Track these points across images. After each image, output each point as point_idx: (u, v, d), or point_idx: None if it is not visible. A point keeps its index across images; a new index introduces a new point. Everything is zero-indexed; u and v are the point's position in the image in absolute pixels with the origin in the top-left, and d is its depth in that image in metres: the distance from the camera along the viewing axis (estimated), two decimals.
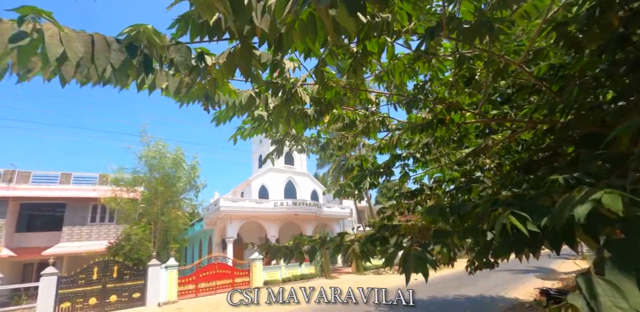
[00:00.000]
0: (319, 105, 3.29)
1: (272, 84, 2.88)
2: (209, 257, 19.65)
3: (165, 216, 19.44)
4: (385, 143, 4.32)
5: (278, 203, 25.63)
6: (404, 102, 3.48)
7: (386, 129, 3.97)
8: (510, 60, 2.66)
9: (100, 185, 22.77)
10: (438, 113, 3.56)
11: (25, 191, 21.11)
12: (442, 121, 3.50)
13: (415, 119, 3.90)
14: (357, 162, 4.68)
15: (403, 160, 4.21)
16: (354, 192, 5.14)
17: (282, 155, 3.73)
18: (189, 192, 21.68)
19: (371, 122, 3.76)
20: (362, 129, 4.08)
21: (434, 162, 4.44)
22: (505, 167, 4.21)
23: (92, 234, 22.23)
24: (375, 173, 4.47)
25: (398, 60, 2.84)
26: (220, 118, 3.24)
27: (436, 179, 4.86)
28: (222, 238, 25.90)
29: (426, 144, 3.84)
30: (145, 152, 19.13)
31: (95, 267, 15.31)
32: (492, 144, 4.01)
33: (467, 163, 4.42)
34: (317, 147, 4.69)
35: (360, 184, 4.55)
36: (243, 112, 3.04)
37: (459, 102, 3.44)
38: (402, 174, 4.67)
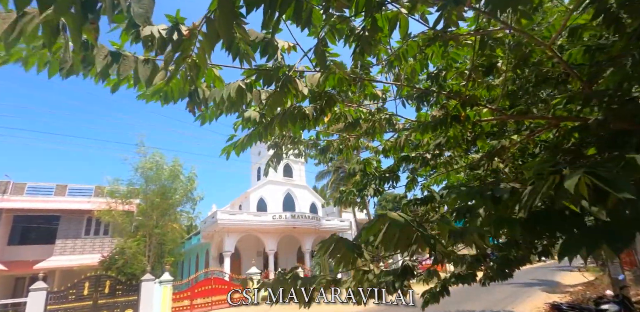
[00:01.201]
0: (318, 100, 2.89)
1: (263, 72, 2.48)
2: (206, 272, 18.98)
3: (160, 228, 18.81)
4: (392, 145, 3.90)
5: (277, 216, 25.04)
6: (415, 96, 3.08)
7: (393, 129, 3.56)
8: (540, 41, 2.28)
9: (96, 197, 22.20)
10: (452, 109, 3.16)
11: (19, 203, 20.55)
12: (457, 118, 3.09)
13: (424, 118, 3.50)
14: (359, 166, 4.25)
15: (412, 162, 3.79)
16: (356, 200, 4.69)
17: (282, 160, 3.31)
18: (186, 205, 21.17)
19: (377, 121, 3.35)
20: (366, 129, 3.67)
21: (444, 166, 4.02)
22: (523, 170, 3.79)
23: (85, 248, 21.52)
24: (381, 178, 4.03)
25: (411, 41, 2.46)
26: (206, 116, 2.82)
27: (447, 185, 4.42)
28: (219, 252, 25.21)
29: (438, 145, 3.42)
30: (141, 163, 18.70)
31: (86, 282, 14.67)
32: (510, 145, 3.60)
33: (480, 167, 4.00)
34: (316, 150, 4.27)
35: (364, 191, 4.12)
36: (231, 110, 2.63)
37: (476, 96, 3.05)
38: (410, 180, 4.24)
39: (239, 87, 2.43)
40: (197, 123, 2.88)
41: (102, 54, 1.84)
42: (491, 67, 2.66)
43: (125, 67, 1.89)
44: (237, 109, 2.64)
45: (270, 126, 2.81)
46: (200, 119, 2.87)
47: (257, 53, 2.38)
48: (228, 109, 2.64)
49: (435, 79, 2.86)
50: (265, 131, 2.88)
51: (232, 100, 2.40)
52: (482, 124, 3.45)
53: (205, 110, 2.80)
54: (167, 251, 20.14)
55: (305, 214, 26.33)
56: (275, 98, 2.51)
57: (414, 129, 3.62)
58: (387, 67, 2.69)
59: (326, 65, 2.30)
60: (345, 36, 2.43)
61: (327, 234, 28.71)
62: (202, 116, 2.85)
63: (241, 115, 2.85)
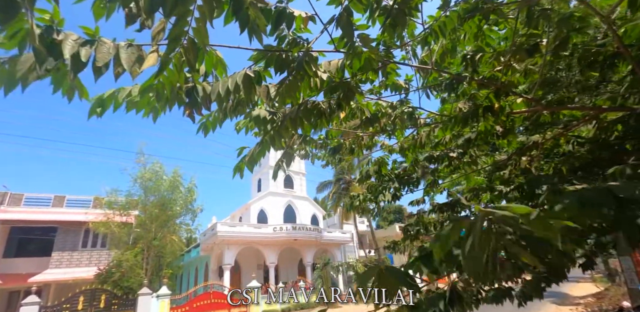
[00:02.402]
0: (335, 92, 2.51)
1: (274, 55, 2.11)
2: (205, 286, 18.30)
3: (159, 240, 18.20)
4: (410, 143, 3.52)
5: (277, 228, 24.45)
6: (445, 83, 2.70)
7: (414, 124, 3.18)
8: (597, 11, 1.94)
9: (95, 208, 21.64)
10: (483, 100, 2.79)
11: (16, 214, 19.99)
12: (491, 109, 2.72)
13: (449, 112, 3.13)
14: (374, 167, 3.85)
15: (436, 162, 3.39)
16: (369, 207, 4.27)
17: (293, 161, 2.90)
18: (185, 217, 20.60)
19: (398, 116, 2.98)
20: (384, 125, 3.30)
21: (469, 166, 3.62)
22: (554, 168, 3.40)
23: (82, 260, 20.83)
24: (401, 181, 3.62)
25: (452, 12, 2.10)
26: (208, 124, 2.45)
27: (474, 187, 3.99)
28: (218, 265, 24.52)
29: (468, 141, 3.03)
30: (141, 173, 18.22)
31: (81, 296, 14.08)
32: (542, 141, 3.22)
33: (507, 166, 3.61)
34: (326, 151, 3.87)
35: (380, 196, 3.71)
36: (236, 112, 2.26)
37: (513, 83, 2.69)
38: (429, 183, 3.84)
39: (245, 76, 2.05)
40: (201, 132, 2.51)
41: (71, 39, 1.47)
42: (535, 46, 2.30)
43: (103, 54, 1.51)
44: (243, 110, 2.26)
45: (282, 127, 2.43)
46: (202, 129, 2.49)
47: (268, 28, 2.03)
48: (232, 111, 2.27)
49: (471, 61, 2.50)
50: (277, 135, 2.48)
51: (238, 92, 2.01)
52: (515, 116, 3.08)
53: (207, 116, 2.43)
54: (165, 264, 19.45)
55: (306, 226, 25.72)
56: (288, 86, 2.14)
57: (438, 124, 3.24)
58: (421, 43, 2.32)
59: (353, 39, 1.93)
60: (370, 9, 2.07)
61: (329, 246, 28.14)
62: (204, 125, 2.47)
63: (248, 115, 2.46)
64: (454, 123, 2.71)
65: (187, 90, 1.94)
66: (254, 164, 2.59)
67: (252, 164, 2.58)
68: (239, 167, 2.65)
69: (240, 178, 2.70)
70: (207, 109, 2.05)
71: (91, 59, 1.52)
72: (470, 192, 3.85)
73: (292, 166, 22.58)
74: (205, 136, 2.50)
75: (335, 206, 31.19)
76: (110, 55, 1.54)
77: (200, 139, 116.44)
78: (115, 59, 1.57)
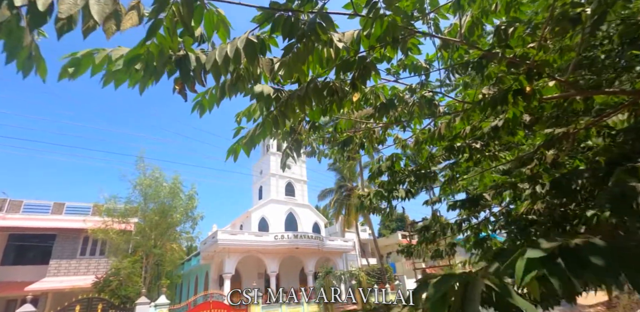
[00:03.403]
0: (349, 70, 2.19)
1: (282, 17, 1.79)
2: (205, 295, 17.75)
3: (158, 248, 17.73)
4: (427, 136, 3.19)
5: (279, 236, 23.97)
6: (473, 61, 2.39)
7: (432, 112, 2.86)
8: None
9: (94, 215, 21.21)
10: (513, 83, 2.48)
11: (14, 221, 19.58)
12: (522, 93, 2.40)
13: (471, 98, 2.81)
14: (387, 163, 3.51)
15: (458, 154, 3.05)
16: (381, 206, 3.92)
17: (300, 150, 2.57)
18: (185, 224, 20.13)
19: (416, 103, 2.65)
20: (399, 115, 2.98)
21: (490, 160, 3.27)
22: None
23: (80, 269, 20.33)
24: (417, 175, 3.27)
25: None
26: (204, 103, 2.12)
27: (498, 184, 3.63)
28: (219, 274, 23.98)
29: (495, 129, 2.69)
30: (140, 180, 17.85)
31: (77, 305, 13.61)
32: (574, 132, 2.89)
33: (532, 161, 3.27)
34: (334, 145, 3.54)
35: (393, 193, 3.36)
36: (236, 89, 1.94)
37: (548, 62, 2.38)
38: (447, 179, 3.49)
39: (248, 41, 1.73)
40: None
41: None
42: (578, 16, 1.99)
43: (68, 5, 1.19)
44: (244, 87, 1.94)
45: (287, 106, 2.10)
46: (198, 108, 2.17)
47: None
48: (232, 87, 1.95)
49: (504, 33, 2.18)
50: (282, 115, 2.15)
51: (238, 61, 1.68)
52: (545, 103, 2.76)
53: (203, 94, 2.10)
54: (164, 273, 18.93)
55: (308, 234, 25.23)
56: (297, 55, 1.82)
57: (458, 113, 2.91)
58: (453, 7, 2.01)
59: None
60: None
61: (331, 254, 27.57)
62: (199, 104, 2.15)
63: (249, 92, 2.12)
64: (482, 106, 2.38)
65: (177, 60, 1.63)
66: (251, 147, 2.24)
67: (250, 147, 2.24)
68: (234, 149, 2.32)
69: (233, 161, 2.36)
70: (202, 84, 1.73)
71: (54, 12, 1.21)
72: (493, 189, 3.50)
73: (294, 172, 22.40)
74: (201, 116, 2.17)
75: (337, 213, 30.72)
76: (77, 6, 1.23)
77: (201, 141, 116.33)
78: (84, 11, 1.26)
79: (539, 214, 3.66)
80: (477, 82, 2.87)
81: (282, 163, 2.54)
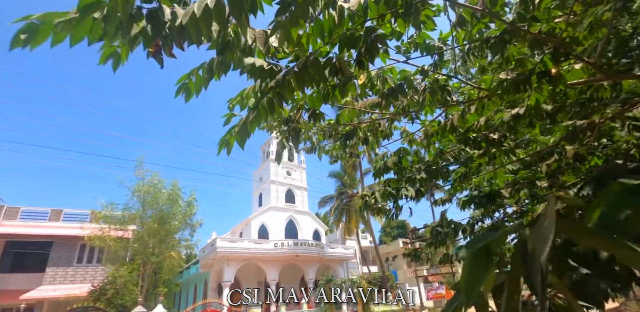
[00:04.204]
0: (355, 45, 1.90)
1: None
2: (203, 303, 17.31)
3: (156, 256, 17.29)
4: (437, 128, 2.90)
5: (279, 243, 23.53)
6: (494, 38, 2.10)
7: (444, 101, 2.58)
8: None
9: (92, 223, 20.81)
10: (536, 65, 2.20)
11: (11, 228, 19.19)
12: (547, 75, 2.13)
13: (488, 84, 2.53)
14: (393, 158, 3.22)
15: (473, 146, 2.75)
16: (386, 207, 3.61)
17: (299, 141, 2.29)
18: (184, 231, 19.71)
19: (427, 88, 2.37)
20: (406, 105, 2.70)
21: (507, 155, 2.97)
22: None
23: (77, 277, 19.85)
24: (429, 171, 2.95)
25: None
26: (190, 86, 1.84)
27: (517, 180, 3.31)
28: (218, 282, 23.46)
29: (516, 117, 2.39)
30: (139, 186, 17.50)
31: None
32: (601, 121, 2.62)
33: (551, 156, 2.98)
34: (336, 140, 3.26)
35: (402, 191, 3.06)
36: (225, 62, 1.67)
37: (577, 40, 2.11)
38: (460, 176, 3.19)
39: None
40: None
41: None
42: None
43: None
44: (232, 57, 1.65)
45: (284, 85, 1.82)
46: (183, 91, 1.89)
47: None
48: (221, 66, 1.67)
49: (532, 2, 1.91)
50: (277, 97, 1.86)
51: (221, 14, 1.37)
52: (570, 90, 2.48)
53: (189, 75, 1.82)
54: (162, 281, 18.45)
55: (308, 242, 24.78)
56: (294, 14, 1.54)
57: (472, 102, 2.63)
58: None
59: None
60: None
61: (331, 262, 27.05)
62: (185, 87, 1.87)
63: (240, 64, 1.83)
64: (504, 88, 2.09)
65: (148, 13, 1.35)
66: (245, 137, 1.95)
67: (244, 137, 1.94)
68: (226, 140, 2.02)
69: (227, 155, 2.07)
70: (179, 47, 1.45)
71: None
72: (510, 186, 3.21)
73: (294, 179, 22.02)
74: (187, 101, 1.90)
75: (338, 220, 30.27)
76: None
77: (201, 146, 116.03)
78: None
79: None
80: (494, 65, 2.60)
81: (277, 154, 2.25)
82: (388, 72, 2.35)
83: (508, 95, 2.19)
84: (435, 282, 29.18)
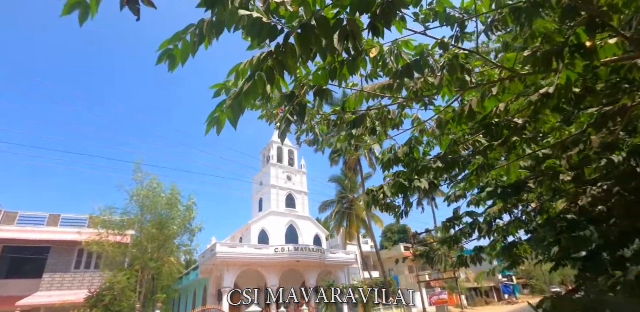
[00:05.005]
0: (368, 8, 1.64)
1: None
2: (202, 310, 16.92)
3: (154, 261, 16.89)
4: (451, 115, 2.63)
5: (279, 249, 23.15)
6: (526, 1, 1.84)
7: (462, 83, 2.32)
8: None
9: (90, 227, 20.41)
10: (567, 37, 1.96)
11: (9, 233, 18.82)
12: (582, 48, 1.89)
13: (512, 63, 2.27)
14: (404, 149, 2.94)
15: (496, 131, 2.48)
16: (395, 204, 3.33)
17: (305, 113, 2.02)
18: (183, 236, 19.30)
19: (446, 66, 2.12)
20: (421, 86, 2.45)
21: (528, 144, 2.70)
22: None
23: (74, 283, 19.43)
24: (445, 160, 2.67)
25: None
26: (176, 53, 1.57)
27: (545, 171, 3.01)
28: (217, 288, 23.03)
29: (545, 96, 2.11)
30: (137, 190, 17.16)
31: None
32: (636, 104, 2.36)
33: (575, 145, 2.71)
34: (341, 129, 2.99)
35: (414, 183, 2.78)
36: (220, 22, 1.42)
37: (617, 7, 1.87)
38: (476, 168, 2.91)
39: None
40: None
41: None
42: None
43: None
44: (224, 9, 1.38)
45: (286, 50, 1.56)
46: (166, 58, 1.63)
47: None
48: (212, 27, 1.42)
49: None
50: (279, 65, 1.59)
51: None
52: (606, 65, 2.22)
53: (175, 39, 1.54)
54: (160, 287, 18.00)
55: (309, 247, 24.40)
56: None
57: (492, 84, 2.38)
58: None
59: None
60: None
61: (332, 267, 26.60)
62: (168, 55, 1.60)
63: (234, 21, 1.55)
64: (534, 60, 1.84)
65: None
66: (238, 113, 1.67)
67: (237, 113, 1.66)
68: (216, 118, 1.73)
69: (216, 134, 1.78)
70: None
71: None
72: (533, 178, 2.93)
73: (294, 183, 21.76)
74: (171, 70, 1.64)
75: (338, 225, 29.85)
76: None
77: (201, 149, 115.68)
78: None
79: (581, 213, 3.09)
80: (519, 41, 2.35)
81: (280, 132, 1.98)
82: (403, 46, 2.10)
83: (539, 70, 1.93)
84: (437, 287, 28.71)
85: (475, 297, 34.31)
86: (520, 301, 35.98)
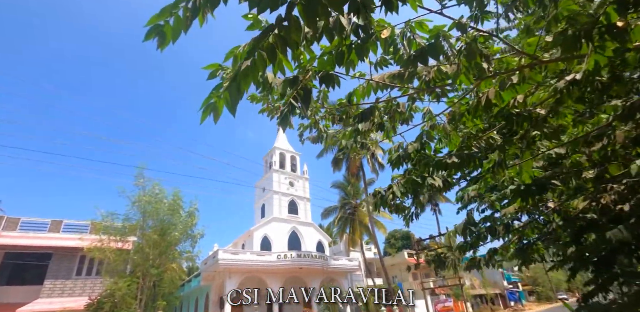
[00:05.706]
0: None
1: None
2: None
3: (156, 268, 16.62)
4: (465, 107, 2.45)
5: (281, 255, 22.82)
6: None
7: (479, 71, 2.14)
8: None
9: (92, 234, 20.19)
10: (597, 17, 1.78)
11: (10, 239, 18.63)
12: (614, 29, 1.71)
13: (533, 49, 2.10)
14: (415, 145, 2.75)
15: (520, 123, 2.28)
16: (404, 206, 3.12)
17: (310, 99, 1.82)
18: (185, 243, 19.03)
19: (463, 51, 1.94)
20: (435, 76, 2.27)
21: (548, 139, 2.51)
22: None
23: (75, 290, 19.14)
24: (462, 157, 2.46)
25: None
26: (167, 30, 1.39)
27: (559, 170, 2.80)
28: (219, 295, 22.67)
29: (573, 83, 1.92)
30: (139, 196, 16.97)
31: None
32: None
33: (598, 140, 2.52)
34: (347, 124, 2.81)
35: (429, 179, 2.58)
36: None
37: None
38: (492, 165, 2.70)
39: None
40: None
41: None
42: None
43: None
44: None
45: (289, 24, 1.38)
46: (156, 35, 1.46)
47: None
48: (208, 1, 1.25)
49: None
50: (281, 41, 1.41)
51: None
52: (629, 55, 2.05)
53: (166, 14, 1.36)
54: (161, 294, 17.68)
55: (311, 253, 24.04)
56: None
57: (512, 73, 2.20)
58: None
59: None
60: None
61: (335, 274, 26.17)
62: (158, 31, 1.42)
63: None
64: (564, 40, 1.66)
65: None
66: (238, 98, 1.48)
67: (235, 97, 1.47)
68: (212, 104, 1.55)
69: (214, 123, 1.59)
70: None
71: None
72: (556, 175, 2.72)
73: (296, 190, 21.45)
74: (161, 49, 1.46)
75: (341, 232, 29.52)
76: None
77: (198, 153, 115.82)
78: None
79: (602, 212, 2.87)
80: (542, 24, 2.17)
81: (283, 116, 1.79)
82: (417, 27, 1.92)
83: (564, 56, 1.75)
84: (442, 294, 28.18)
85: (481, 305, 33.70)
86: (527, 308, 35.27)
